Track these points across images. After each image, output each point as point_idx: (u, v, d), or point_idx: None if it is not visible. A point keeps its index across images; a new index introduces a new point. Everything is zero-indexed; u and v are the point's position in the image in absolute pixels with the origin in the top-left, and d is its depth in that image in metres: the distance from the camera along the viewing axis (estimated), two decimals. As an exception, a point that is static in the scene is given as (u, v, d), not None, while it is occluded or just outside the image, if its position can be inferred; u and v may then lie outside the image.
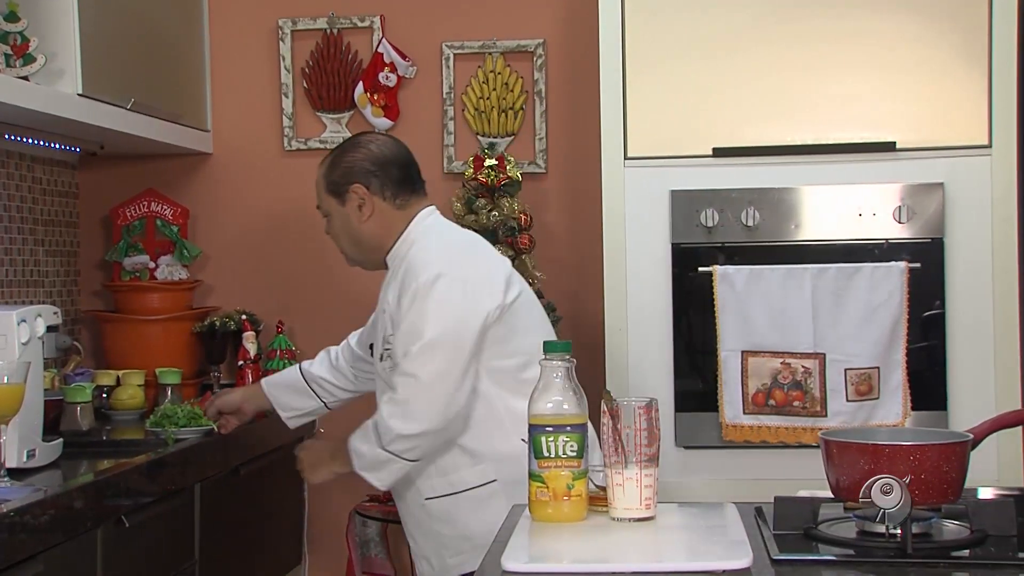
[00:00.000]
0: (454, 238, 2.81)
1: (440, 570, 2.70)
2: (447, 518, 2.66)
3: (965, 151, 3.28)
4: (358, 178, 2.78)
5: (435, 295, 2.58)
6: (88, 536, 2.46)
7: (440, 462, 2.66)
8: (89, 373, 3.53)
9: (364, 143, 2.84)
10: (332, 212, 2.83)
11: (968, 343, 3.26)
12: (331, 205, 2.83)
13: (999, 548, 1.79)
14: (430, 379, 2.55)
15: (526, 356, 2.61)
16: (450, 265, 2.63)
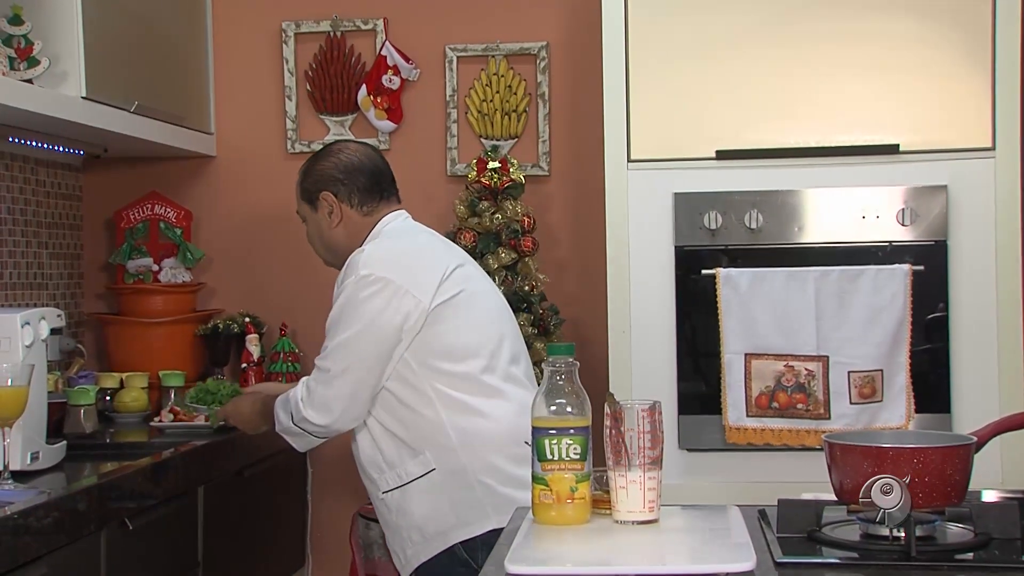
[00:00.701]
0: (397, 242, 2.85)
1: (405, 562, 2.77)
2: (401, 510, 2.72)
3: (969, 153, 3.27)
4: (327, 186, 2.88)
5: (357, 295, 2.69)
6: (92, 539, 2.46)
7: (388, 455, 2.73)
8: (92, 376, 3.53)
9: (335, 151, 2.93)
10: (307, 217, 2.94)
11: (972, 346, 3.26)
12: (305, 211, 2.94)
13: (1003, 551, 1.79)
14: (338, 375, 2.68)
15: (461, 352, 2.71)
16: (378, 266, 2.72)
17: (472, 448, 2.68)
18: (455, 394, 2.70)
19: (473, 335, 2.76)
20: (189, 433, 3.24)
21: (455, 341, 2.73)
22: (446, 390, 2.70)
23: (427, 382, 2.70)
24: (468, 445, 2.67)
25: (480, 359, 2.73)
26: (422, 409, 2.71)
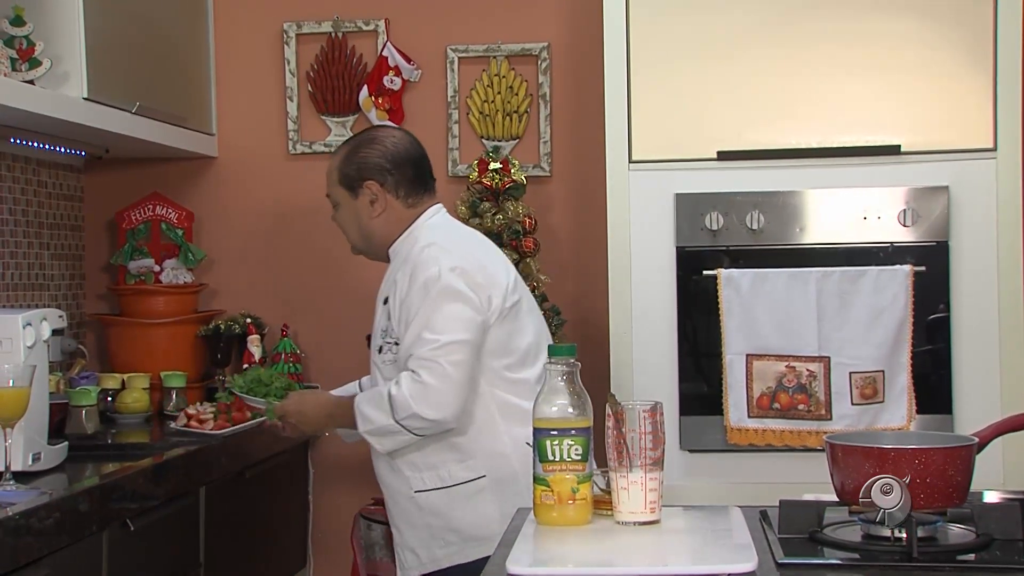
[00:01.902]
0: (463, 239, 2.84)
1: (428, 561, 2.73)
2: (436, 511, 2.69)
3: (970, 154, 3.27)
4: (373, 175, 2.82)
5: (455, 287, 2.63)
6: (93, 539, 2.46)
7: (429, 456, 2.70)
8: (94, 376, 3.53)
9: (381, 139, 2.86)
10: (342, 203, 2.86)
11: (973, 346, 3.26)
12: (342, 196, 2.85)
13: (1005, 552, 1.79)
14: (452, 368, 2.59)
15: (521, 356, 2.70)
16: (462, 261, 2.68)
17: (527, 456, 2.63)
18: (513, 400, 2.67)
19: (531, 341, 2.75)
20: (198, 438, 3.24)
21: (517, 346, 2.71)
22: (505, 396, 2.67)
23: (488, 387, 2.68)
24: (523, 453, 2.60)
25: (536, 367, 2.72)
26: (479, 413, 2.68)
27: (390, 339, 2.73)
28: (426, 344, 2.60)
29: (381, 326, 2.78)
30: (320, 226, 4.05)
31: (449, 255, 2.69)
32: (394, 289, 2.73)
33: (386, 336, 2.74)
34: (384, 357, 2.75)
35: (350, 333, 4.02)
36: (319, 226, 4.05)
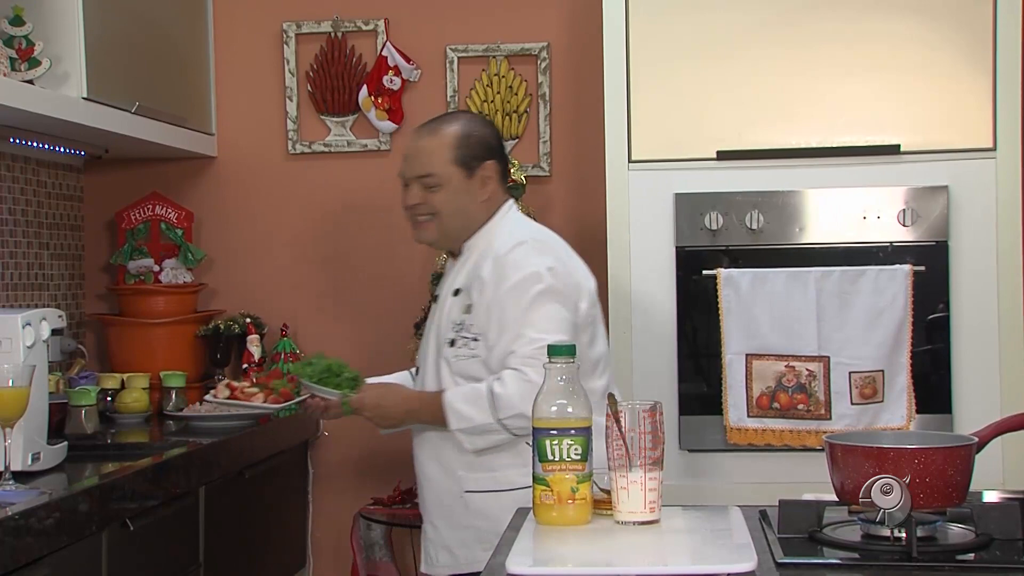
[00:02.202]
0: (552, 240, 2.78)
1: (466, 562, 2.66)
2: (487, 514, 2.62)
3: (969, 154, 3.27)
4: (494, 155, 2.76)
5: (556, 285, 2.60)
6: (93, 539, 2.46)
7: (489, 459, 2.63)
8: (94, 376, 3.53)
9: (489, 122, 2.84)
10: (450, 182, 2.72)
11: (973, 346, 3.26)
12: (453, 174, 2.71)
13: (1004, 552, 1.79)
14: None
15: (592, 365, 2.67)
16: (558, 263, 2.66)
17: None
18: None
19: (602, 351, 2.72)
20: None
21: (591, 355, 2.67)
22: None
23: None
24: None
25: (605, 378, 2.70)
26: None
27: (468, 334, 2.64)
28: (531, 343, 2.53)
29: (453, 319, 2.69)
30: (320, 226, 4.06)
31: (544, 255, 2.65)
32: (478, 284, 2.64)
33: (461, 330, 2.66)
34: (459, 351, 2.65)
35: (350, 333, 4.02)
36: (319, 225, 4.06)
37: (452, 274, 2.78)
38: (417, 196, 2.73)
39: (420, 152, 2.75)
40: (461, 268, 2.74)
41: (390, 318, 3.97)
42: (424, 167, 2.73)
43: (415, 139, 2.80)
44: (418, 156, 2.75)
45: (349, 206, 4.03)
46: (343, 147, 4.03)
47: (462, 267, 2.74)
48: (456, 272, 2.76)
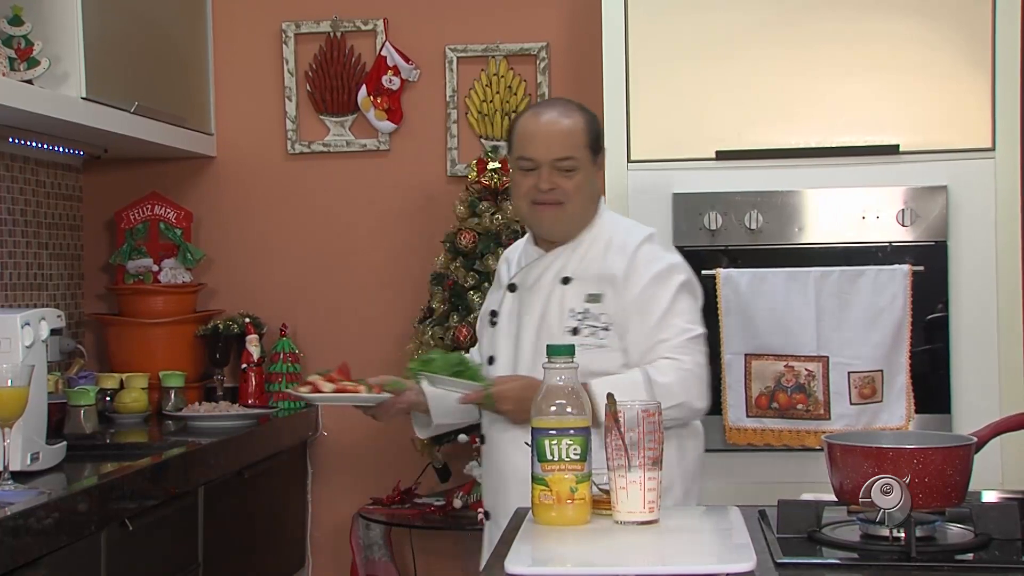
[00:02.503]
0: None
1: None
2: None
3: (969, 154, 3.27)
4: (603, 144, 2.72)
5: (690, 287, 2.61)
6: (92, 539, 2.46)
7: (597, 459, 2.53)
8: (93, 376, 3.53)
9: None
10: (584, 167, 2.61)
11: (972, 346, 3.26)
12: (586, 159, 2.62)
13: (1003, 552, 1.79)
14: (707, 362, 2.57)
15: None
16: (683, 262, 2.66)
17: (693, 473, 2.62)
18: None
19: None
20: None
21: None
22: None
23: None
24: (691, 470, 2.61)
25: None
26: None
27: (596, 323, 2.57)
28: (682, 332, 2.53)
29: (571, 307, 2.59)
30: (319, 225, 4.05)
31: (671, 251, 2.68)
32: (609, 275, 2.57)
33: (586, 319, 2.57)
34: (584, 340, 2.54)
35: (348, 332, 4.02)
36: (318, 225, 4.05)
37: (547, 263, 2.65)
38: (550, 180, 2.59)
39: (560, 133, 2.60)
40: (568, 256, 2.63)
41: (389, 318, 3.97)
42: (565, 149, 2.59)
43: (549, 121, 2.62)
44: (558, 137, 2.60)
45: (348, 206, 4.03)
46: (342, 147, 4.03)
47: (568, 256, 2.64)
48: (559, 260, 2.64)
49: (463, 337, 3.58)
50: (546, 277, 2.65)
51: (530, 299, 2.65)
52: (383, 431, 3.97)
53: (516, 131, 2.66)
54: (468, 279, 3.65)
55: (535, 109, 2.68)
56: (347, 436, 4.00)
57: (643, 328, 2.55)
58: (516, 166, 2.64)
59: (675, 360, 2.51)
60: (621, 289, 2.56)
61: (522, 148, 2.62)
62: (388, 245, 4.00)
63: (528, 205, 2.63)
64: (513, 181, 2.68)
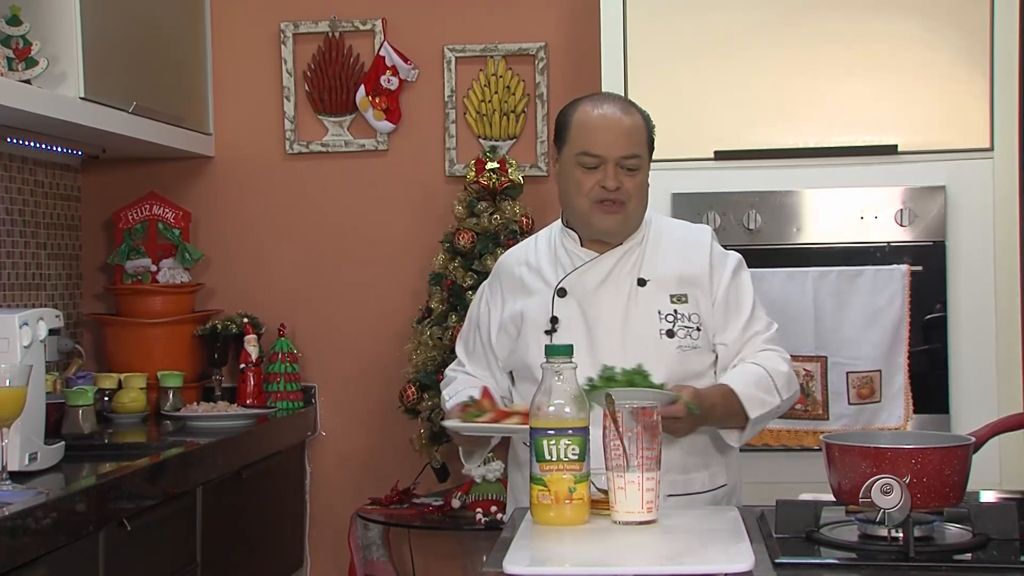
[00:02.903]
0: None
1: None
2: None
3: (967, 154, 3.28)
4: None
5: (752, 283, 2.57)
6: (90, 539, 2.46)
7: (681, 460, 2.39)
8: (91, 376, 3.53)
9: None
10: (645, 167, 2.53)
11: (970, 346, 3.26)
12: (647, 158, 2.53)
13: (1001, 552, 1.79)
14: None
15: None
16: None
17: (738, 467, 2.55)
18: None
19: None
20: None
21: None
22: None
23: None
24: (736, 464, 2.53)
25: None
26: None
27: (689, 323, 2.46)
28: (771, 326, 2.51)
29: (660, 309, 2.46)
30: (317, 226, 4.05)
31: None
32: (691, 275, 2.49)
33: (678, 320, 2.46)
34: (682, 342, 2.43)
35: (347, 332, 4.02)
36: (316, 226, 4.05)
37: (608, 265, 2.51)
38: (616, 178, 2.47)
39: (626, 131, 2.49)
40: (632, 257, 2.51)
41: (388, 318, 3.97)
42: (633, 146, 2.49)
43: (614, 116, 2.50)
44: (626, 135, 2.49)
45: (347, 206, 4.03)
46: (341, 147, 4.03)
47: (632, 257, 2.51)
48: (623, 262, 2.51)
49: (461, 337, 3.57)
50: (613, 280, 2.50)
51: (596, 304, 2.49)
52: (380, 431, 3.98)
53: (574, 124, 2.50)
54: (466, 279, 3.65)
55: (593, 102, 2.53)
56: (345, 436, 4.00)
57: (737, 324, 2.48)
58: (575, 162, 2.48)
59: (777, 351, 2.46)
60: (707, 288, 2.49)
61: (585, 143, 2.47)
62: (386, 245, 4.00)
63: (590, 204, 2.48)
64: (569, 177, 2.51)
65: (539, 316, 2.52)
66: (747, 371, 2.40)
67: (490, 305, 2.63)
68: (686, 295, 2.48)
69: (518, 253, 2.69)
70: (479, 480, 3.48)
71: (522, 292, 2.58)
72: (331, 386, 4.03)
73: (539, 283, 2.57)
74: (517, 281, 2.61)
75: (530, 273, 2.60)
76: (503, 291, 2.63)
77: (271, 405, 3.80)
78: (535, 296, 2.55)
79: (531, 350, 2.49)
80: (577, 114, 2.51)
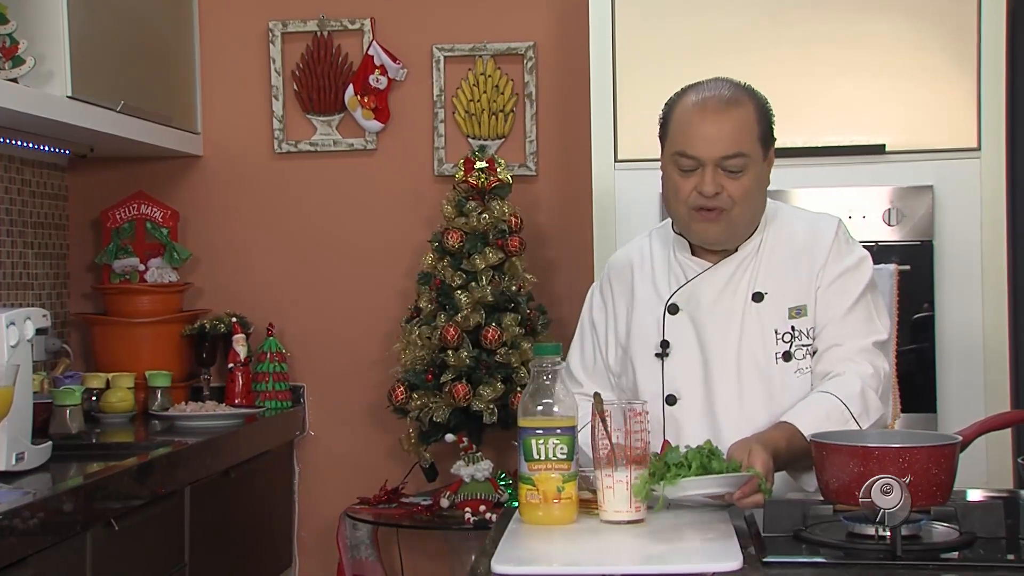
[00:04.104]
0: None
1: None
2: None
3: (954, 154, 3.29)
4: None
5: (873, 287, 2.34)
6: (77, 539, 2.45)
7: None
8: (78, 376, 3.52)
9: None
10: (754, 166, 2.23)
11: (957, 345, 3.27)
12: (757, 155, 2.24)
13: (988, 550, 1.80)
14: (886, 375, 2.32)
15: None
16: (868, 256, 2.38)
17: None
18: None
19: None
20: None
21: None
22: None
23: None
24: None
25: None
26: None
27: (808, 340, 2.26)
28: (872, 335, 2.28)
29: (775, 327, 2.26)
30: (306, 225, 4.05)
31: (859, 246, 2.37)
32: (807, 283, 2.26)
33: (794, 339, 2.25)
34: (800, 364, 2.25)
35: (335, 332, 4.02)
36: (305, 225, 4.05)
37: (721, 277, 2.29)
38: (715, 182, 2.20)
39: (728, 128, 2.21)
40: (749, 267, 2.29)
41: (376, 317, 3.96)
42: (735, 145, 2.20)
43: (716, 111, 2.24)
44: (727, 135, 2.21)
45: (335, 205, 4.03)
46: (329, 146, 4.02)
47: (749, 266, 2.29)
48: (739, 273, 2.29)
49: (450, 337, 3.58)
50: (728, 295, 2.28)
51: (711, 323, 2.26)
52: (369, 430, 3.97)
53: (674, 119, 2.27)
54: (455, 279, 3.65)
55: (697, 91, 2.28)
56: (334, 436, 4.00)
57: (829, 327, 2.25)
58: (672, 162, 2.26)
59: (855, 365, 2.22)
60: (814, 293, 2.25)
61: (682, 143, 2.23)
62: (375, 244, 4.00)
63: (687, 211, 2.24)
64: (668, 180, 2.27)
65: (649, 336, 2.29)
66: (816, 403, 2.17)
67: (606, 312, 2.38)
68: (805, 306, 2.25)
69: (631, 252, 2.42)
70: (468, 480, 3.48)
71: (631, 301, 2.35)
72: (320, 385, 4.02)
73: (650, 293, 2.33)
74: (627, 286, 2.37)
75: (642, 280, 2.35)
76: (614, 297, 2.38)
77: (259, 405, 3.79)
78: (645, 310, 2.32)
79: (640, 376, 2.29)
80: (679, 107, 2.26)
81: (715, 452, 1.95)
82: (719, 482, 1.91)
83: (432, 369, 3.64)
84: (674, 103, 2.30)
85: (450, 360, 3.59)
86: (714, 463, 1.92)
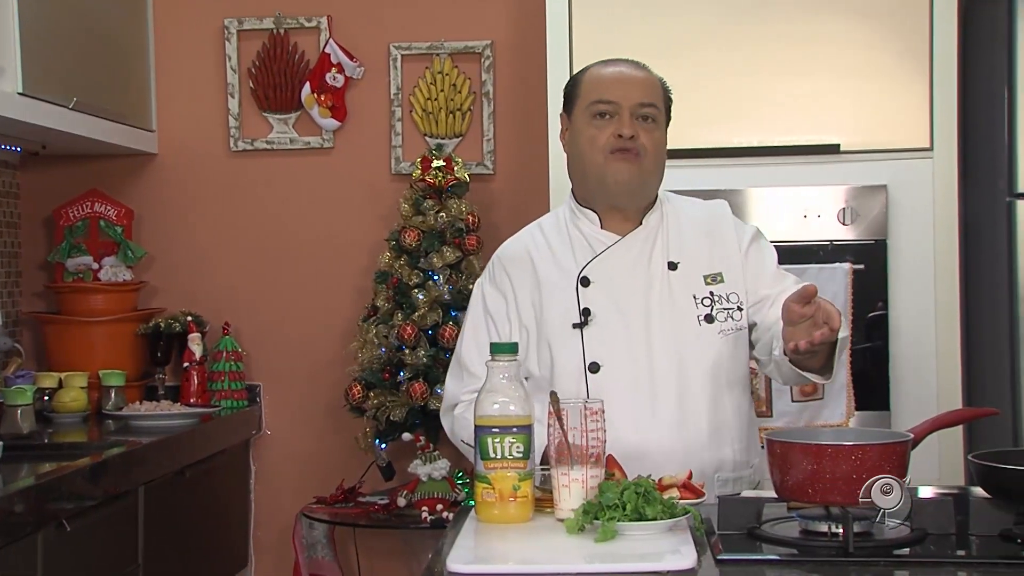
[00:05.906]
0: None
1: None
2: None
3: (907, 154, 3.32)
4: None
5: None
6: (28, 541, 2.42)
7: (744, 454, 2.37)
8: (30, 375, 3.48)
9: None
10: (661, 126, 2.37)
11: (910, 344, 3.30)
12: (663, 118, 2.37)
13: (939, 546, 1.82)
14: None
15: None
16: None
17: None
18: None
19: None
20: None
21: None
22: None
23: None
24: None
25: None
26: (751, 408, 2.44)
27: (728, 304, 2.34)
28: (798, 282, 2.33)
29: (694, 293, 2.33)
30: (262, 223, 4.02)
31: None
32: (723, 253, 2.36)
33: (715, 303, 2.33)
34: (723, 326, 2.32)
35: (292, 330, 4.00)
36: (261, 224, 4.02)
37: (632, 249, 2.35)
38: (632, 127, 2.30)
39: (642, 80, 2.35)
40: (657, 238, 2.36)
41: (333, 316, 3.95)
42: (649, 94, 2.34)
43: (629, 67, 2.38)
44: (641, 84, 2.34)
45: (292, 204, 4.01)
46: (286, 144, 4.00)
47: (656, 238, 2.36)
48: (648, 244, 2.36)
49: (407, 336, 3.57)
50: (642, 264, 2.34)
51: (628, 291, 2.32)
52: (326, 430, 3.96)
53: (585, 80, 2.37)
54: (412, 277, 3.64)
55: (605, 61, 2.40)
56: (290, 435, 3.98)
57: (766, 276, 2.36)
58: (588, 114, 2.33)
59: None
60: (737, 262, 2.35)
61: (598, 92, 2.32)
62: (332, 243, 3.98)
63: (604, 157, 2.30)
64: (582, 135, 2.34)
65: (564, 310, 2.31)
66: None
67: (505, 300, 2.38)
68: (720, 274, 2.34)
69: (523, 240, 2.46)
70: (425, 479, 3.47)
71: (535, 284, 2.37)
72: (276, 384, 4.00)
73: (555, 273, 2.36)
74: (528, 271, 2.38)
75: (543, 262, 2.38)
76: (513, 283, 2.38)
77: (215, 404, 3.77)
78: (554, 288, 2.34)
79: (556, 350, 2.31)
80: (589, 71, 2.39)
81: (651, 492, 1.89)
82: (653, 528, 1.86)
83: (389, 368, 3.63)
84: (581, 73, 2.41)
85: (407, 359, 3.59)
86: (648, 510, 1.87)
